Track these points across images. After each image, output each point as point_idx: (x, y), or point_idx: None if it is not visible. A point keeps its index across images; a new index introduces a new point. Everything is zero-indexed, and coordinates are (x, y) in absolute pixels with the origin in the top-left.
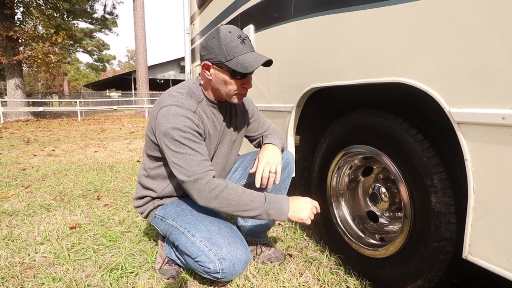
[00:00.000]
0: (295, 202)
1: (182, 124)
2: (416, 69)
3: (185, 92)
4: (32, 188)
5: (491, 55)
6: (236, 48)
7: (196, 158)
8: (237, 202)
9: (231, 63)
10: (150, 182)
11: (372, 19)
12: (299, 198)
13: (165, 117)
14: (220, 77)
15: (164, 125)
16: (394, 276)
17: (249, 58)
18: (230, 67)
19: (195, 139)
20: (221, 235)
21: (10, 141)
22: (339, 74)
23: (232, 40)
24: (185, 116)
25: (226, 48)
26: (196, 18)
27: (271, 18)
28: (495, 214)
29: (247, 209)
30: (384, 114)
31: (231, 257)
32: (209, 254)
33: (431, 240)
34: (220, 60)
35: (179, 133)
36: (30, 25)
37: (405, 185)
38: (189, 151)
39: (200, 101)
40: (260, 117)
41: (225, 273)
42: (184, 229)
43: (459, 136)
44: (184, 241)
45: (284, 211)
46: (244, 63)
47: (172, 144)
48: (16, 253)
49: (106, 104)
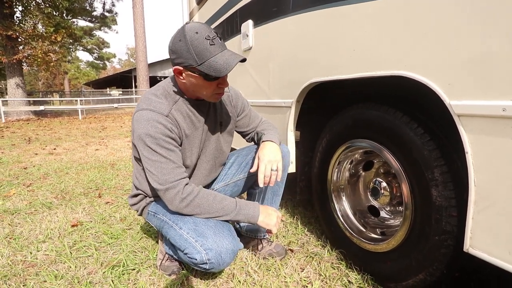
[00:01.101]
0: (266, 209)
1: (153, 130)
2: (415, 62)
3: (160, 93)
4: (34, 187)
5: (492, 46)
6: (206, 51)
7: (168, 166)
8: (208, 210)
9: (203, 67)
10: (139, 184)
11: (371, 12)
12: (268, 207)
13: (138, 122)
14: (194, 81)
15: (137, 130)
16: (395, 270)
17: (221, 60)
18: (203, 71)
19: (167, 146)
20: (207, 226)
21: (11, 140)
22: (338, 68)
23: (201, 42)
24: (157, 121)
25: (196, 52)
26: (195, 14)
27: (270, 12)
28: (496, 207)
29: (217, 215)
30: (384, 108)
31: (217, 247)
32: (195, 245)
33: (432, 234)
34: (191, 64)
35: (151, 139)
36: (30, 24)
37: (405, 179)
38: (161, 158)
39: (176, 101)
40: (251, 111)
41: (212, 263)
42: (173, 223)
43: (460, 128)
44: (173, 234)
45: (255, 217)
46: (216, 66)
47: (145, 151)
48: (18, 251)
49: (106, 102)
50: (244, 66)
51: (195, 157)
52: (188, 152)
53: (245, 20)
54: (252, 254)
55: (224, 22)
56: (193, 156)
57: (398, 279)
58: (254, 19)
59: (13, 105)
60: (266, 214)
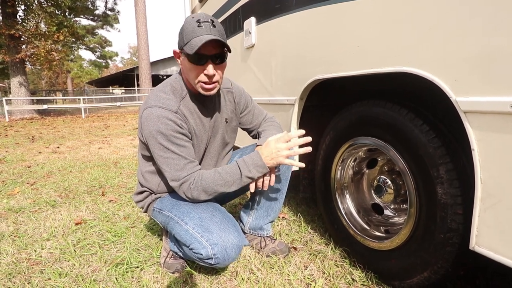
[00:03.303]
0: (264, 150)
1: (164, 127)
2: (421, 58)
3: (168, 89)
4: (38, 185)
5: (499, 41)
6: (192, 32)
7: (180, 163)
8: (220, 183)
9: (186, 47)
10: (145, 181)
11: (375, 7)
12: (263, 147)
13: (148, 119)
14: (184, 63)
15: (148, 127)
16: (399, 268)
17: (199, 39)
18: (185, 51)
19: (178, 142)
20: (213, 221)
21: (15, 139)
22: (342, 65)
23: (190, 24)
24: (167, 118)
25: (185, 33)
26: (197, 12)
27: (273, 9)
28: (503, 204)
29: (230, 183)
30: (388, 105)
31: (223, 242)
32: (201, 240)
33: (437, 232)
34: (181, 45)
35: (162, 136)
36: (32, 22)
37: (410, 177)
38: (172, 155)
39: (183, 96)
40: (255, 108)
41: (217, 258)
42: (178, 218)
43: (466, 125)
44: (178, 230)
45: (261, 165)
46: (192, 43)
47: (156, 148)
48: (22, 249)
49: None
50: (247, 63)
51: (201, 154)
52: (196, 148)
53: (248, 17)
54: (255, 252)
55: (227, 20)
56: (199, 153)
57: (402, 277)
58: (256, 16)
59: (16, 104)
60: (268, 153)
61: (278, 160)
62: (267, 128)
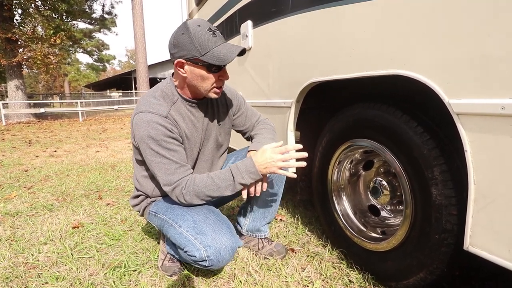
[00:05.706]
0: (258, 157)
1: (154, 132)
2: (414, 61)
3: (158, 95)
4: (35, 189)
5: (491, 44)
6: (209, 41)
7: (171, 167)
8: (212, 188)
9: (206, 57)
10: (140, 185)
11: (370, 11)
12: (258, 154)
13: (138, 124)
14: (196, 73)
15: (138, 133)
16: (396, 269)
17: (224, 49)
18: (206, 61)
19: (169, 146)
20: (207, 223)
21: (12, 143)
22: (338, 68)
23: (204, 33)
24: (157, 123)
25: (199, 42)
26: (194, 15)
27: (269, 13)
28: (496, 205)
29: (222, 188)
30: (383, 107)
31: (216, 244)
32: (195, 242)
33: (432, 233)
34: (194, 55)
35: (152, 141)
36: (29, 26)
37: (405, 178)
38: (163, 160)
39: (175, 101)
40: (248, 109)
41: (211, 260)
42: (173, 221)
43: (459, 127)
44: (173, 233)
45: (254, 172)
46: (219, 55)
47: (147, 153)
48: (19, 253)
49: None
50: (244, 67)
51: (194, 157)
52: (188, 152)
53: (245, 20)
54: (253, 254)
55: (224, 23)
56: (193, 156)
57: (399, 278)
58: (253, 19)
59: (13, 108)
60: (264, 161)
61: (271, 169)
62: (260, 132)
